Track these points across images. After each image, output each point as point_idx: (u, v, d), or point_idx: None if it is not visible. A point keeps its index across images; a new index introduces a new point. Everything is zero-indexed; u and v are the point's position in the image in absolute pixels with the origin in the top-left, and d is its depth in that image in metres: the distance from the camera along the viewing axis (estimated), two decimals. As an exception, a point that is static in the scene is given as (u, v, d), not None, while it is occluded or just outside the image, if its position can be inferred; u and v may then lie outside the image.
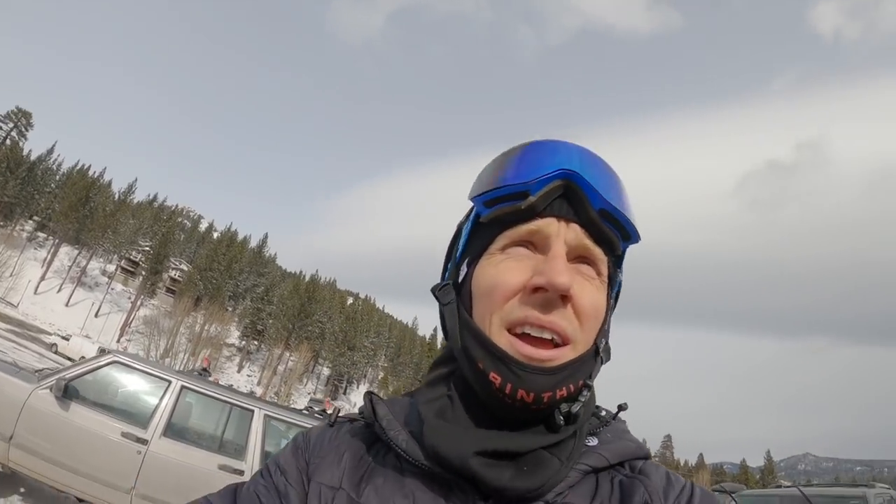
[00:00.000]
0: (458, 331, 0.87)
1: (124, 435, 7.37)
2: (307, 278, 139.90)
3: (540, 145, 0.87)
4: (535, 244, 0.84)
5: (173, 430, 7.78)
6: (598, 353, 0.86)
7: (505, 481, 0.78)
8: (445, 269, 1.01)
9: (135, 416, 7.70)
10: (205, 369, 10.41)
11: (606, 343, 0.89)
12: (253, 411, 8.38)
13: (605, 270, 0.87)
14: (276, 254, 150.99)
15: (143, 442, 7.44)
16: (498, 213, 0.84)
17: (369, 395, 0.94)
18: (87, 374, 7.59)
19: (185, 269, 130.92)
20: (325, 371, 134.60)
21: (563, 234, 0.83)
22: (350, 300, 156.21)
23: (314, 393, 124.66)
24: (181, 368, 66.97)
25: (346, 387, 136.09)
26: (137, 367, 8.07)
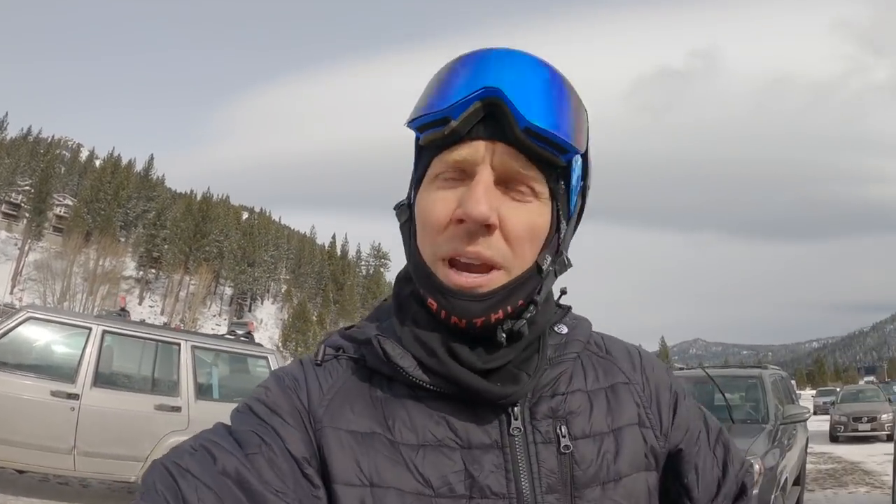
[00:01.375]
0: (408, 254, 0.90)
1: (54, 394, 7.09)
2: (199, 197, 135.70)
3: (465, 61, 0.84)
4: (465, 171, 0.82)
5: (103, 379, 7.56)
6: (541, 271, 0.87)
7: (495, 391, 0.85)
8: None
9: (61, 371, 7.42)
10: (123, 309, 10.02)
11: (556, 257, 0.90)
12: (179, 344, 8.23)
13: (542, 188, 0.85)
14: (164, 175, 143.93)
15: (75, 397, 7.18)
16: (428, 138, 0.84)
17: (378, 338, 0.89)
18: (2, 337, 7.18)
19: (71, 203, 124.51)
20: (228, 291, 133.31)
21: (488, 159, 0.81)
22: (245, 215, 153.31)
23: (219, 315, 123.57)
24: (85, 311, 65.12)
25: (251, 304, 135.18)
26: (53, 319, 7.77)
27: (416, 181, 0.89)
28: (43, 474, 7.51)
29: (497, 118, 0.80)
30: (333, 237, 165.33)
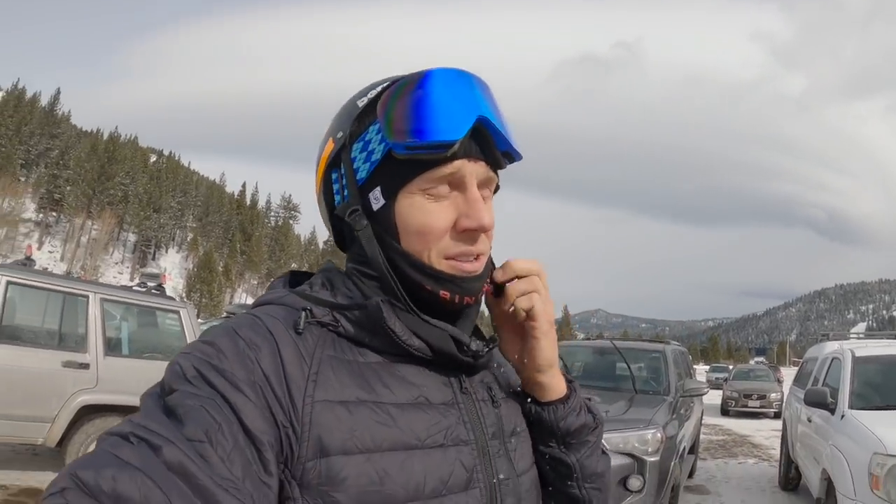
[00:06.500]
0: (383, 257, 0.98)
1: (-48, 352, 6.69)
2: (105, 137, 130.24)
3: (447, 85, 0.94)
4: (452, 183, 0.95)
5: (6, 333, 7.21)
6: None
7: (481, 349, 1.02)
8: (325, 183, 1.04)
9: (-41, 327, 6.98)
10: (28, 258, 9.60)
11: None
12: (88, 297, 7.85)
13: (493, 189, 1.04)
14: (70, 111, 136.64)
15: (-25, 354, 6.79)
16: (420, 157, 0.93)
17: (384, 303, 0.96)
18: None
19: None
20: (132, 238, 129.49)
21: (474, 173, 0.96)
22: (153, 158, 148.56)
23: (122, 262, 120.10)
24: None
25: (155, 252, 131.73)
26: (-52, 270, 7.26)
27: (391, 191, 0.96)
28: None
29: (478, 140, 0.95)
30: (243, 186, 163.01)
